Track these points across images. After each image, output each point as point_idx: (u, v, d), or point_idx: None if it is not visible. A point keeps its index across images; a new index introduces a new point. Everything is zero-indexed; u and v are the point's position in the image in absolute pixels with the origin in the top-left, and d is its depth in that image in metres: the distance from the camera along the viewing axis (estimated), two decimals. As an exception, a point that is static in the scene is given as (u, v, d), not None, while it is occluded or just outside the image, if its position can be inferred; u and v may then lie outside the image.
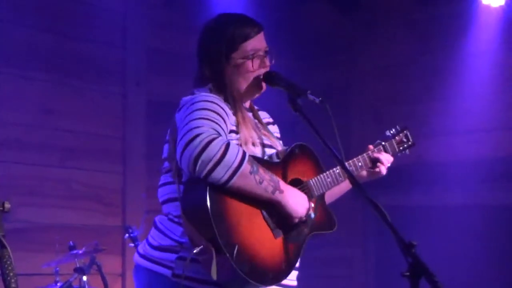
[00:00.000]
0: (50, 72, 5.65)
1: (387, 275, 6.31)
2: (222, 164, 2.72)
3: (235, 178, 2.75)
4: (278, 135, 3.25)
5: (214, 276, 2.73)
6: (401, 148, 3.47)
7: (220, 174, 2.73)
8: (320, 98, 2.94)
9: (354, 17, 6.97)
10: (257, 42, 3.06)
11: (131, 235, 5.10)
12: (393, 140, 3.44)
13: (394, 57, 6.73)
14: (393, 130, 3.48)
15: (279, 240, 2.91)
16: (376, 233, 6.68)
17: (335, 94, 6.61)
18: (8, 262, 2.37)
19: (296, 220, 2.94)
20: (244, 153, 2.78)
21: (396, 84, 6.69)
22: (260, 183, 2.81)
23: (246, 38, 3.04)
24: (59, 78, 5.69)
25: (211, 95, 2.96)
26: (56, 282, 4.92)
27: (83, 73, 5.83)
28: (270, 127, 3.22)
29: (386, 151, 3.37)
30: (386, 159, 3.33)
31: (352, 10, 6.98)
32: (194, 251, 2.75)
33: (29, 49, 5.57)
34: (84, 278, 4.84)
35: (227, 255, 2.72)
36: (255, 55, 3.04)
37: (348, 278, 6.80)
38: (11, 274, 2.34)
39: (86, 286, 4.83)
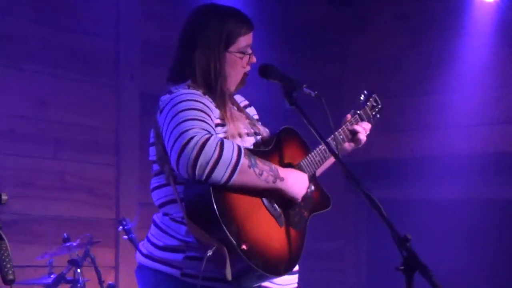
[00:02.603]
0: (43, 63, 5.63)
1: (379, 269, 6.35)
2: (220, 164, 2.70)
3: (235, 175, 2.74)
4: (257, 117, 3.24)
5: (229, 276, 2.73)
6: (373, 113, 3.48)
7: (220, 174, 2.71)
8: (315, 92, 2.95)
9: (346, 10, 6.97)
10: (250, 39, 3.07)
11: (125, 227, 5.09)
12: (366, 106, 3.46)
13: (386, 51, 6.73)
14: (363, 96, 3.50)
15: (284, 229, 2.92)
16: (369, 227, 6.70)
17: (327, 87, 6.61)
18: (5, 254, 2.37)
19: (300, 200, 2.97)
20: (239, 148, 2.77)
21: (388, 77, 6.69)
22: (260, 175, 2.81)
23: (244, 33, 3.04)
24: (52, 70, 5.68)
25: (191, 91, 2.92)
26: (49, 274, 4.91)
27: (76, 64, 5.81)
28: (248, 110, 3.21)
29: (362, 120, 3.39)
30: (364, 128, 3.35)
31: (344, 3, 6.97)
32: (208, 254, 2.72)
33: (22, 40, 5.55)
34: (78, 270, 4.84)
35: (240, 252, 2.71)
36: (248, 51, 3.05)
37: (340, 271, 6.81)
38: (8, 265, 2.34)
39: (80, 278, 4.83)
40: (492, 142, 6.13)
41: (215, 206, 2.72)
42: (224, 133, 2.93)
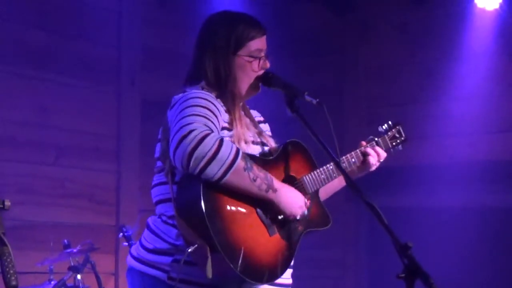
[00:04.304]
0: (44, 70, 5.64)
1: (380, 277, 6.34)
2: (216, 160, 2.70)
3: (229, 174, 2.74)
4: (270, 134, 3.24)
5: (209, 274, 2.72)
6: (393, 143, 3.45)
7: (214, 170, 2.71)
8: (317, 100, 2.95)
9: (347, 18, 6.98)
10: (261, 44, 3.07)
11: (125, 234, 5.09)
12: (385, 135, 3.43)
13: (387, 59, 6.74)
14: (386, 125, 3.46)
15: (274, 238, 2.90)
16: (369, 235, 6.70)
17: (328, 95, 6.62)
18: (8, 260, 2.37)
19: (290, 218, 2.94)
20: (237, 150, 2.77)
21: (389, 85, 6.70)
22: (254, 180, 2.79)
23: (253, 37, 3.05)
24: (53, 76, 5.68)
25: (203, 92, 2.94)
26: (50, 281, 4.91)
27: (77, 71, 5.82)
28: (262, 126, 3.21)
29: (379, 147, 3.36)
30: (378, 153, 3.32)
31: (346, 11, 6.99)
32: (189, 250, 2.73)
33: (23, 47, 5.56)
34: (78, 276, 4.84)
35: (222, 253, 2.71)
36: (259, 55, 3.06)
37: (340, 279, 6.80)
38: (11, 271, 2.35)
39: (80, 285, 4.83)
40: (493, 150, 6.14)
41: (202, 203, 2.72)
42: (230, 137, 2.94)
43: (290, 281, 3.04)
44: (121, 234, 5.15)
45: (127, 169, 5.97)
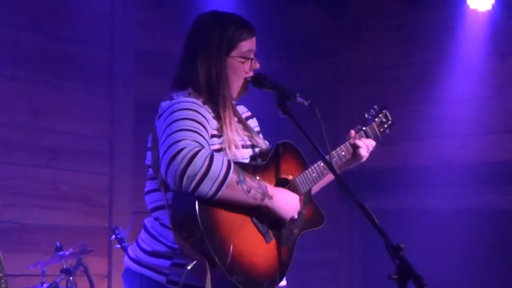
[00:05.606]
0: (37, 72, 5.63)
1: (373, 278, 6.34)
2: (208, 177, 2.69)
3: (222, 190, 2.72)
4: (258, 129, 3.22)
5: None
6: (381, 129, 3.45)
7: (207, 188, 2.70)
8: (309, 101, 2.93)
9: (341, 20, 6.98)
10: (251, 44, 3.05)
11: (118, 236, 5.08)
12: (373, 123, 3.42)
13: (381, 60, 6.74)
14: (372, 111, 3.45)
15: (271, 245, 2.91)
16: (362, 236, 6.70)
17: (322, 96, 6.63)
18: (-2, 263, 2.37)
19: (288, 220, 2.94)
20: (229, 163, 2.76)
21: (383, 87, 6.70)
22: (248, 191, 2.79)
23: (244, 38, 3.02)
24: (46, 79, 5.68)
25: (191, 99, 2.91)
26: (42, 283, 4.90)
27: (70, 73, 5.81)
28: (250, 122, 3.19)
29: (367, 136, 3.36)
30: (368, 144, 3.31)
31: (340, 13, 6.99)
32: (189, 267, 2.72)
33: (16, 49, 5.55)
34: (71, 279, 4.83)
35: (221, 267, 2.70)
36: (250, 56, 3.04)
37: (333, 280, 6.80)
38: (1, 274, 2.34)
39: (73, 287, 4.82)
40: (486, 151, 6.14)
41: (199, 220, 2.70)
42: (220, 144, 2.92)
43: (284, 283, 3.03)
44: (114, 236, 5.14)
45: (120, 171, 5.96)
